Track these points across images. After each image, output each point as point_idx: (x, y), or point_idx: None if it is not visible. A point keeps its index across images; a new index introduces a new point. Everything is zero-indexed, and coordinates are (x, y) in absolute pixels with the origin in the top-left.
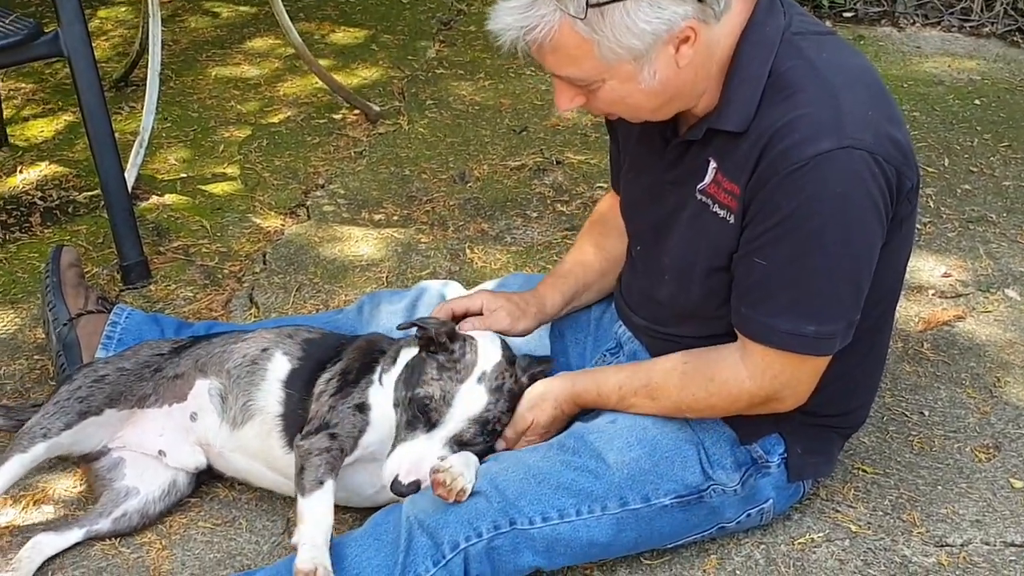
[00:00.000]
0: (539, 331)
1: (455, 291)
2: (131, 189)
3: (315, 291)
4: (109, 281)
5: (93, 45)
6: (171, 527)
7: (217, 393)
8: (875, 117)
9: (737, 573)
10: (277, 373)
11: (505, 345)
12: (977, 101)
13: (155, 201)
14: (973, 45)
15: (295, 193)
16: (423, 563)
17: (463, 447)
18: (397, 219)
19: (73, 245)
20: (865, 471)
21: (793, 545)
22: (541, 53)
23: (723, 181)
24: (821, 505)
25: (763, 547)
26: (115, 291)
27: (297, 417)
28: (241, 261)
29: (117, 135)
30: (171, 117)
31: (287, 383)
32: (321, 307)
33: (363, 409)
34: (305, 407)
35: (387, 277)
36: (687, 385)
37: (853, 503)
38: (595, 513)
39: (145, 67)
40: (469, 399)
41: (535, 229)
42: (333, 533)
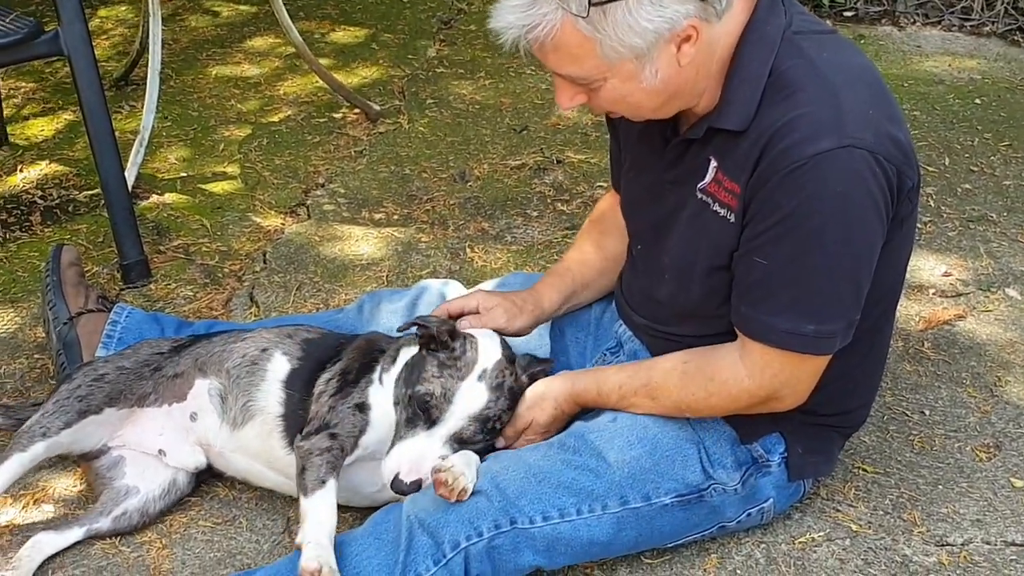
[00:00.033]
0: (540, 330)
1: (455, 290)
2: (131, 188)
3: (315, 290)
4: (109, 280)
5: (93, 44)
6: (171, 526)
7: (217, 393)
8: (876, 116)
9: (738, 572)
10: (277, 373)
11: (505, 344)
12: (978, 100)
13: (155, 200)
14: (973, 44)
15: (295, 192)
16: (424, 562)
17: (463, 445)
18: (397, 218)
19: (73, 244)
20: (866, 470)
21: (794, 544)
22: (543, 52)
23: (723, 180)
24: (822, 504)
25: (764, 546)
26: (115, 290)
27: (298, 417)
28: (241, 260)
29: (117, 134)
30: (171, 116)
31: (287, 383)
32: (321, 306)
33: (363, 409)
34: (305, 407)
35: (387, 276)
36: (687, 385)
37: (854, 502)
38: (595, 512)
39: (145, 66)
40: (470, 396)
41: (535, 228)
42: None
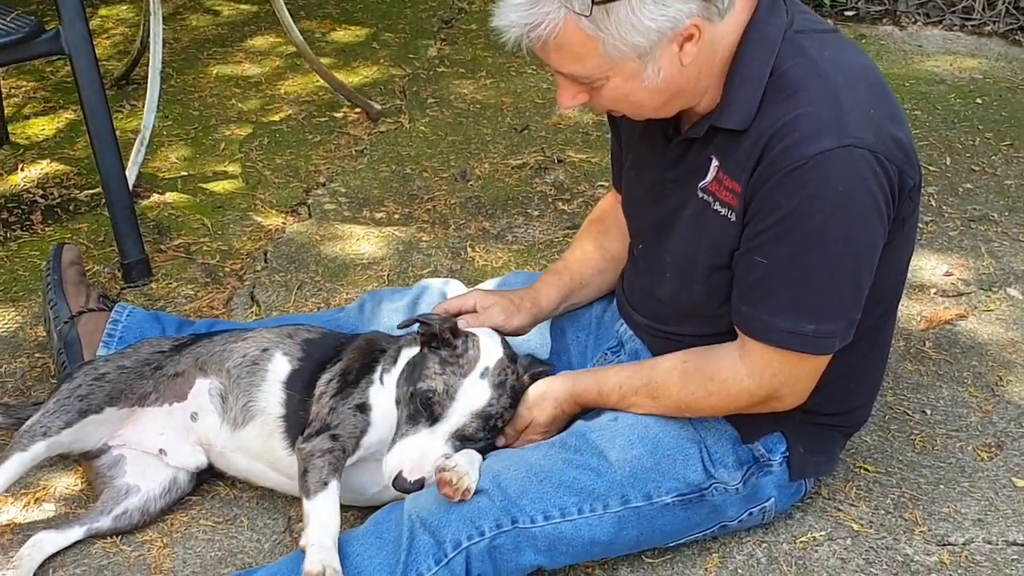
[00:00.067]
0: (541, 329)
1: (456, 289)
2: (132, 187)
3: (316, 289)
4: (110, 279)
5: (94, 43)
6: (172, 525)
7: (217, 393)
8: (877, 116)
9: (739, 572)
10: (278, 374)
11: (505, 342)
12: (979, 100)
13: (156, 199)
14: (975, 44)
15: (296, 191)
16: (425, 562)
17: (465, 442)
18: (398, 217)
19: (74, 243)
20: (867, 470)
21: (795, 544)
22: (545, 50)
23: (724, 179)
24: (823, 504)
25: (765, 546)
26: (116, 289)
27: (298, 418)
28: (242, 259)
29: (118, 133)
30: (172, 115)
31: (288, 384)
32: (322, 305)
33: (364, 409)
34: (306, 408)
35: (388, 275)
36: (687, 384)
37: (855, 502)
38: (597, 511)
39: (146, 65)
40: (472, 393)
41: (536, 228)
42: None
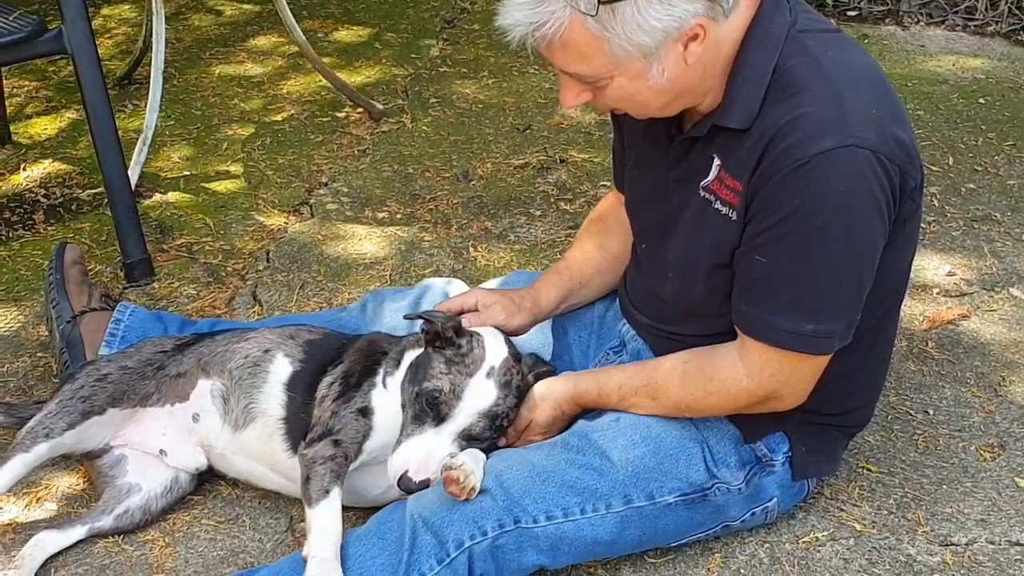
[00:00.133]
0: (543, 328)
1: (458, 289)
2: (134, 187)
3: (318, 289)
4: (112, 279)
5: (97, 43)
6: (174, 524)
7: (219, 394)
8: (879, 116)
9: (741, 572)
10: (279, 376)
11: (509, 341)
12: (981, 100)
13: (158, 199)
14: (977, 44)
15: (298, 191)
16: (427, 561)
17: (470, 442)
18: (400, 217)
19: (76, 242)
20: (870, 470)
21: (797, 544)
22: (550, 50)
23: (726, 178)
24: (826, 504)
25: (767, 546)
26: (118, 289)
27: (300, 421)
28: (244, 259)
29: (120, 133)
30: (174, 115)
31: (289, 386)
32: (324, 305)
33: (366, 413)
34: (308, 410)
35: (390, 275)
36: (687, 384)
37: (858, 502)
38: (599, 511)
39: (148, 65)
40: (479, 393)
41: (539, 227)
42: None
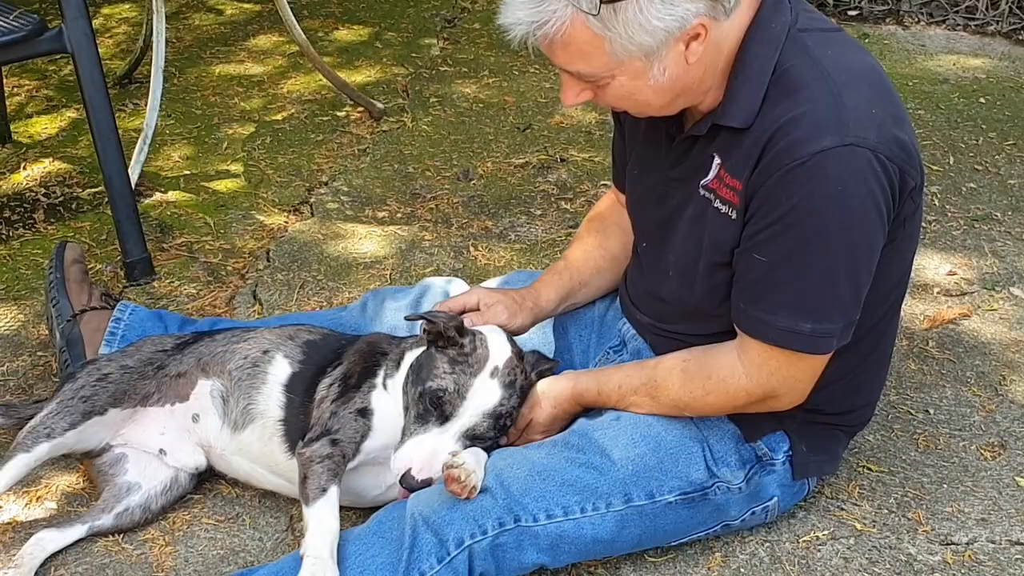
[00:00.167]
0: (544, 327)
1: (459, 288)
2: (135, 186)
3: (319, 288)
4: (113, 278)
5: (97, 42)
6: (174, 523)
7: (219, 395)
8: (879, 115)
9: (742, 571)
10: (278, 377)
11: (512, 340)
12: (982, 99)
13: (159, 198)
14: (978, 43)
15: (299, 190)
16: (427, 560)
17: (474, 441)
18: (401, 216)
19: (77, 241)
20: (870, 469)
21: (798, 543)
22: (551, 48)
23: (726, 177)
24: (826, 503)
25: (768, 545)
26: (119, 288)
27: (298, 422)
28: (245, 258)
29: (121, 132)
30: (175, 114)
31: (288, 387)
32: (325, 304)
33: (365, 414)
34: (306, 412)
35: (391, 274)
36: (687, 383)
37: (858, 501)
38: (599, 510)
39: (149, 64)
40: (483, 393)
41: (539, 227)
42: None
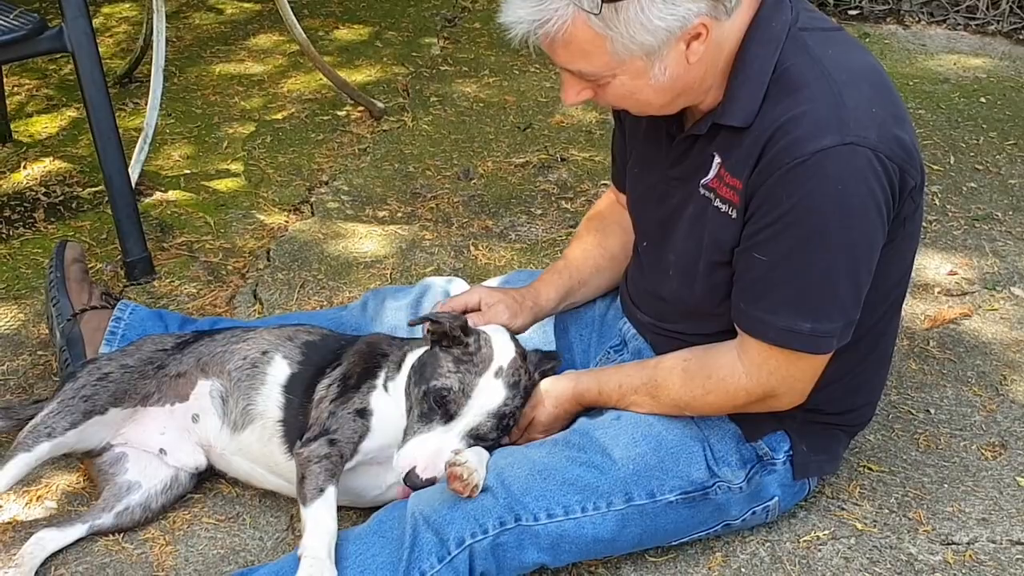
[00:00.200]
0: (544, 326)
1: (459, 288)
2: (135, 185)
3: (319, 288)
4: (113, 277)
5: (97, 41)
6: (175, 523)
7: (218, 395)
8: (879, 115)
9: (742, 571)
10: (277, 377)
11: (515, 339)
12: (983, 99)
13: (159, 197)
14: (978, 43)
15: (299, 190)
16: (428, 560)
17: (477, 441)
18: (401, 216)
19: (77, 241)
20: (871, 469)
21: (799, 543)
22: (552, 47)
23: (726, 176)
24: (827, 503)
25: (768, 545)
26: (119, 287)
27: (297, 422)
28: (245, 257)
29: (121, 131)
30: (175, 113)
31: (287, 388)
32: (325, 303)
33: (364, 415)
34: (306, 412)
35: (391, 274)
36: (687, 383)
37: (859, 501)
38: (600, 509)
39: (149, 63)
40: (488, 392)
41: (539, 226)
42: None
